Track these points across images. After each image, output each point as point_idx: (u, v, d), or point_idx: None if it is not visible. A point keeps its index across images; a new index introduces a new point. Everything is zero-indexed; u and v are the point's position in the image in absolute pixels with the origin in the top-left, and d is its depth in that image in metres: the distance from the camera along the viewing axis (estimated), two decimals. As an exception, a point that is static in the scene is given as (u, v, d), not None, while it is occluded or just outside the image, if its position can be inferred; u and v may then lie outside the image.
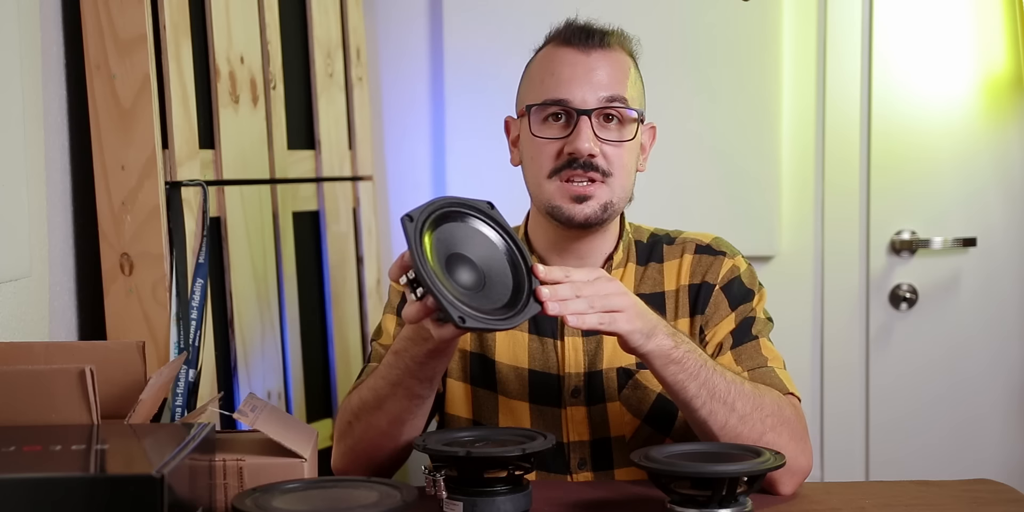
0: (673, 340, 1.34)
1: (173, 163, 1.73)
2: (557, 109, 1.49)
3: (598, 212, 1.49)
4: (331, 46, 2.24)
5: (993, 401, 2.53)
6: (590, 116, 1.47)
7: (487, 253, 1.28)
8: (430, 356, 1.36)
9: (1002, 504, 1.37)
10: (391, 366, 1.40)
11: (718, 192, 2.45)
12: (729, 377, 1.38)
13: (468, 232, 1.28)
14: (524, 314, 1.24)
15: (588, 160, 1.47)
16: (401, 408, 1.42)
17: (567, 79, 1.49)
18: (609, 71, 1.50)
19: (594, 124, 1.48)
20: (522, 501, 1.29)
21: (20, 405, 1.13)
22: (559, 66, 1.51)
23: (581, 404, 1.55)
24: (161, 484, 0.92)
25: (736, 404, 1.36)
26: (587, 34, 1.52)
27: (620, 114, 1.50)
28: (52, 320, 1.63)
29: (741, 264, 1.58)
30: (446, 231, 1.26)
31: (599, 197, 1.49)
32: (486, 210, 1.30)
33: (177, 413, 1.67)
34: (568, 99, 1.48)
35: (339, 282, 2.21)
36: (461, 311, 1.19)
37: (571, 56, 1.51)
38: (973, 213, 2.51)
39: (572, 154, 1.47)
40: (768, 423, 1.38)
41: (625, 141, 1.50)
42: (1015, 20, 2.45)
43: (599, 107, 1.48)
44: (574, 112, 1.48)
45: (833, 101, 2.49)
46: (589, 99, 1.48)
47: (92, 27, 1.68)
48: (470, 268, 1.26)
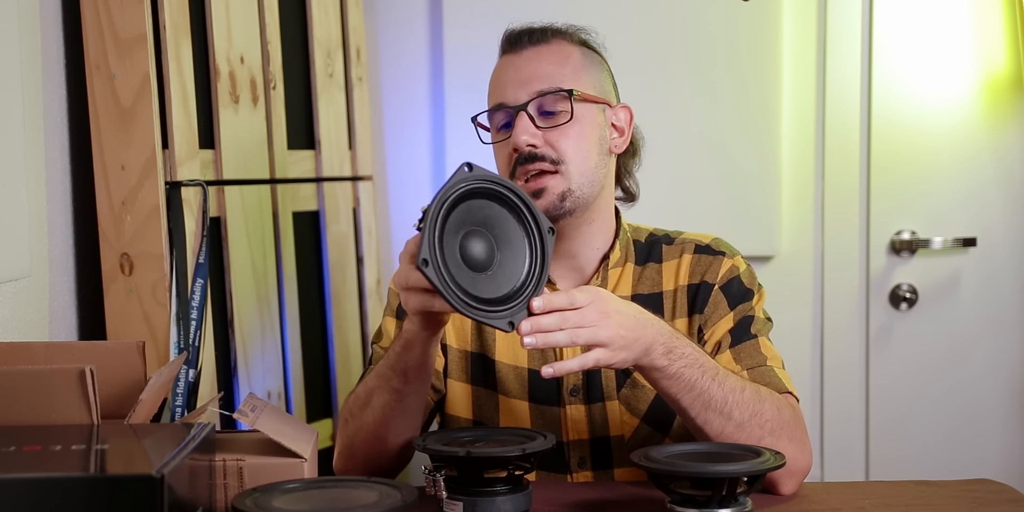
0: (667, 358, 1.32)
1: (173, 163, 1.73)
2: (500, 114, 1.52)
3: (555, 202, 1.48)
4: (331, 46, 2.24)
5: (993, 401, 2.53)
6: (525, 110, 1.49)
7: (510, 243, 1.26)
8: (405, 347, 1.36)
9: (1002, 504, 1.37)
10: (383, 358, 1.42)
11: (718, 192, 2.45)
12: (728, 386, 1.37)
13: (508, 221, 1.27)
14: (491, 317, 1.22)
15: (531, 153, 1.48)
16: (383, 403, 1.42)
17: (503, 83, 1.53)
18: (541, 64, 1.52)
19: (534, 117, 1.49)
20: (522, 501, 1.29)
21: (20, 405, 1.13)
22: (497, 73, 1.55)
23: (580, 403, 1.55)
24: (161, 484, 0.92)
25: (733, 413, 1.36)
26: (519, 37, 1.55)
27: (556, 100, 1.50)
28: (52, 320, 1.63)
29: (740, 264, 1.58)
30: (485, 207, 1.25)
31: (553, 187, 1.48)
32: (538, 215, 1.28)
33: (177, 413, 1.67)
34: (503, 100, 1.52)
35: (339, 282, 2.21)
36: (433, 259, 1.17)
37: (505, 61, 1.55)
38: (973, 213, 2.51)
39: (516, 150, 1.49)
40: (767, 428, 1.38)
41: (563, 124, 1.49)
42: (1015, 20, 2.45)
43: (531, 99, 1.49)
44: (512, 110, 1.50)
45: (833, 101, 2.49)
46: (520, 95, 1.50)
47: (92, 27, 1.68)
48: (486, 248, 1.24)
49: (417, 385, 1.41)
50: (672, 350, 1.33)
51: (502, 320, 1.21)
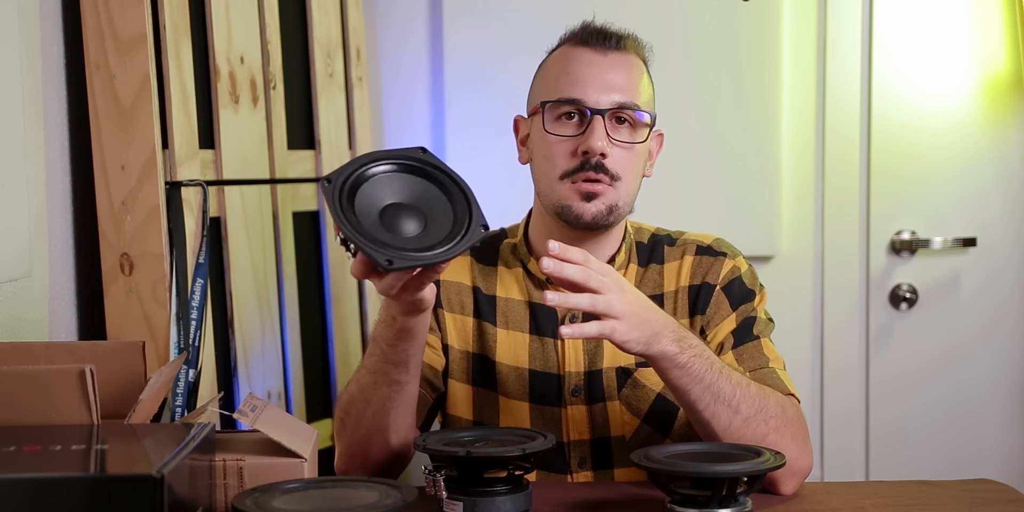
0: (679, 345, 1.33)
1: (173, 163, 1.73)
2: (571, 108, 1.50)
3: (604, 212, 1.49)
4: (331, 46, 2.24)
5: (993, 401, 2.53)
6: (604, 116, 1.48)
7: (424, 195, 1.25)
8: (399, 338, 1.35)
9: (1002, 504, 1.37)
10: (370, 355, 1.41)
11: (718, 192, 2.45)
12: (735, 380, 1.37)
13: (402, 181, 1.25)
14: (464, 242, 1.21)
15: (599, 161, 1.47)
16: (383, 396, 1.41)
17: (582, 78, 1.50)
18: (623, 74, 1.51)
19: (607, 125, 1.48)
20: (522, 501, 1.29)
21: (20, 405, 1.13)
22: (575, 65, 1.51)
23: (581, 403, 1.55)
24: (161, 484, 0.92)
25: (741, 406, 1.36)
26: (604, 36, 1.52)
27: (631, 117, 1.50)
28: (52, 320, 1.63)
29: (742, 265, 1.58)
30: (377, 184, 1.24)
31: (606, 198, 1.49)
32: (417, 156, 1.27)
33: (177, 413, 1.67)
34: (582, 98, 1.49)
35: (339, 282, 2.21)
36: (387, 254, 1.17)
37: (587, 56, 1.51)
38: (973, 213, 2.51)
39: (586, 153, 1.47)
40: (772, 425, 1.38)
41: (636, 143, 1.50)
42: (1015, 20, 2.45)
43: (612, 108, 1.48)
44: (588, 111, 1.48)
45: (833, 101, 2.49)
46: (603, 100, 1.49)
47: (92, 27, 1.68)
48: (410, 214, 1.24)
49: (415, 372, 1.41)
50: (682, 339, 1.33)
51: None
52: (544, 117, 1.51)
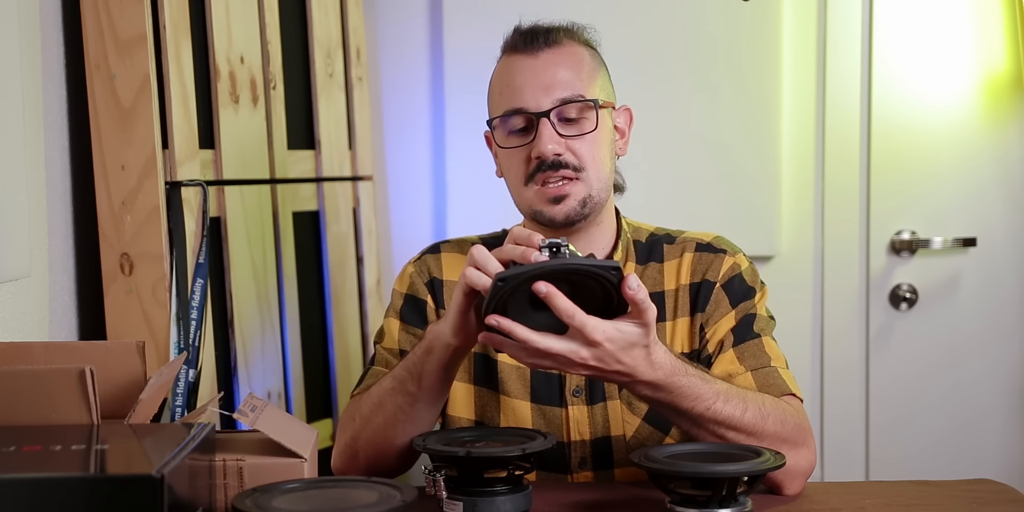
0: (673, 395, 1.32)
1: (173, 163, 1.73)
2: (517, 118, 1.51)
3: (577, 208, 1.49)
4: (331, 46, 2.24)
5: (993, 401, 2.53)
6: (548, 117, 1.48)
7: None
8: (426, 352, 1.38)
9: (1002, 504, 1.37)
10: (400, 364, 1.44)
11: (718, 192, 2.45)
12: (727, 413, 1.34)
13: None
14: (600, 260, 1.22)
15: (555, 160, 1.48)
16: (396, 406, 1.42)
17: (520, 86, 1.50)
18: (559, 68, 1.50)
19: (555, 123, 1.48)
20: (522, 501, 1.29)
21: (20, 405, 1.13)
22: (511, 74, 1.52)
23: (582, 403, 1.55)
24: (161, 484, 0.92)
25: (727, 435, 1.35)
26: (532, 37, 1.53)
27: (578, 108, 1.50)
28: (52, 320, 1.63)
29: (742, 262, 1.58)
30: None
31: (575, 194, 1.49)
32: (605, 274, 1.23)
33: (177, 413, 1.67)
34: (523, 106, 1.50)
35: (339, 282, 2.21)
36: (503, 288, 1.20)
37: (520, 63, 1.52)
38: (973, 213, 2.51)
39: (538, 158, 1.48)
40: (766, 443, 1.36)
41: (588, 133, 1.50)
42: (1015, 20, 2.45)
43: (554, 106, 1.49)
44: (532, 117, 1.49)
45: (833, 101, 2.49)
46: (543, 101, 1.49)
47: (92, 27, 1.68)
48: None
49: (430, 393, 1.41)
50: (681, 387, 1.32)
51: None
52: (495, 134, 1.53)
